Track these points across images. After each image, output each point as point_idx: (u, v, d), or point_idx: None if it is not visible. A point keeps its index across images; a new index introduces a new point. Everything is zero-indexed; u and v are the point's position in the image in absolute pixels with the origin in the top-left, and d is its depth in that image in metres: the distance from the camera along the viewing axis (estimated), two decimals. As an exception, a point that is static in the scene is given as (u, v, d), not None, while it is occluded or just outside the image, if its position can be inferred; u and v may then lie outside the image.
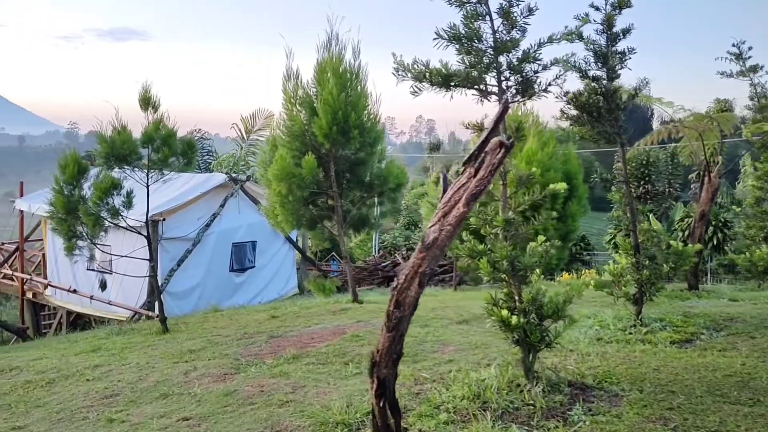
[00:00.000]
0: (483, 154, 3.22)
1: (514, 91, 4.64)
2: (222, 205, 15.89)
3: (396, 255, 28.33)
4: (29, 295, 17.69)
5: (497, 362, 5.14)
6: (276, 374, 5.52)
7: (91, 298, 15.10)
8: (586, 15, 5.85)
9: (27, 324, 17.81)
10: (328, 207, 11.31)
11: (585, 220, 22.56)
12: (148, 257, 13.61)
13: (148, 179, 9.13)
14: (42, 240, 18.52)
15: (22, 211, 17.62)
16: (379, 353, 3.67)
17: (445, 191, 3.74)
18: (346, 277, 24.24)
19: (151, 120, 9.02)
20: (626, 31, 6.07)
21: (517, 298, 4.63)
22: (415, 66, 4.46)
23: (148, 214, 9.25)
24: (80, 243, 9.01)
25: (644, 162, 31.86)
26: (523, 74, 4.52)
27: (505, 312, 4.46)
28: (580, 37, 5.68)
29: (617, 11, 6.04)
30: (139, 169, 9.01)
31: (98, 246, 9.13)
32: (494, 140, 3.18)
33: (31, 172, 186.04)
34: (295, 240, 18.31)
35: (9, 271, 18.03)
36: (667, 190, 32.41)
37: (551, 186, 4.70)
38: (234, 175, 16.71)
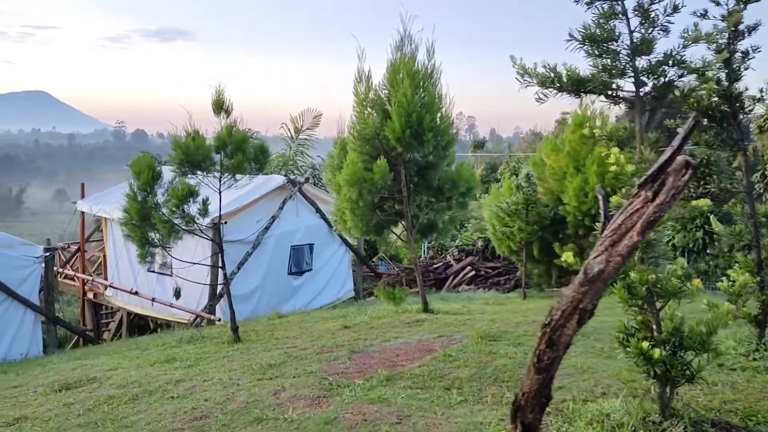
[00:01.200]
0: (664, 176, 2.79)
1: (649, 97, 4.19)
2: (281, 208, 15.72)
3: (447, 256, 27.87)
4: (90, 295, 17.87)
5: (623, 394, 4.68)
6: (374, 399, 5.18)
7: (153, 300, 15.12)
8: (705, 12, 5.34)
9: (88, 324, 18.02)
10: (396, 212, 10.99)
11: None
12: (212, 263, 13.54)
13: (220, 185, 8.94)
14: (102, 240, 18.70)
15: (83, 213, 17.80)
16: (525, 396, 3.28)
17: (605, 216, 3.33)
18: (395, 279, 23.92)
19: (224, 124, 8.82)
20: (752, 28, 5.53)
21: (655, 327, 4.18)
22: (542, 70, 4.06)
23: (220, 220, 9.06)
24: (152, 249, 8.86)
25: (704, 161, 30.60)
26: (664, 77, 4.06)
27: (645, 344, 4.01)
28: (707, 39, 5.16)
29: (742, 5, 5.50)
30: (211, 174, 8.82)
31: (169, 253, 8.96)
32: (679, 159, 2.75)
33: (80, 169, 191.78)
34: (351, 243, 18.04)
35: (71, 272, 18.25)
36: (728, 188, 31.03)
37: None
38: (292, 177, 16.52)
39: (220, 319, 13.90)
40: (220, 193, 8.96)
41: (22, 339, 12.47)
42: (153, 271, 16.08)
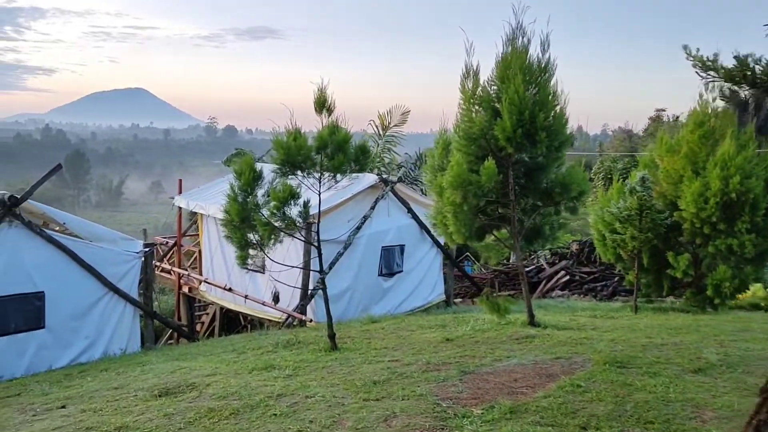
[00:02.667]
0: None
1: None
2: (372, 207, 15.34)
3: (539, 259, 26.74)
4: (185, 289, 18.22)
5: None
6: (501, 436, 4.59)
7: (246, 297, 15.14)
8: None
9: (182, 317, 18.38)
10: (499, 216, 10.31)
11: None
12: (304, 263, 13.31)
13: (320, 187, 8.58)
14: (197, 235, 19.03)
15: (180, 208, 18.15)
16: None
17: None
18: (486, 282, 23.08)
19: (326, 123, 8.44)
20: None
21: None
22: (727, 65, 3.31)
23: (319, 223, 8.70)
24: (251, 252, 8.62)
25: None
26: None
27: None
28: None
29: None
30: (311, 175, 8.47)
31: (267, 255, 8.70)
32: None
33: (175, 163, 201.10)
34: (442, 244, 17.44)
35: (167, 266, 18.68)
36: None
37: None
38: (384, 176, 16.11)
39: (311, 320, 13.70)
40: (319, 194, 8.60)
41: (121, 333, 12.69)
42: (246, 268, 16.11)
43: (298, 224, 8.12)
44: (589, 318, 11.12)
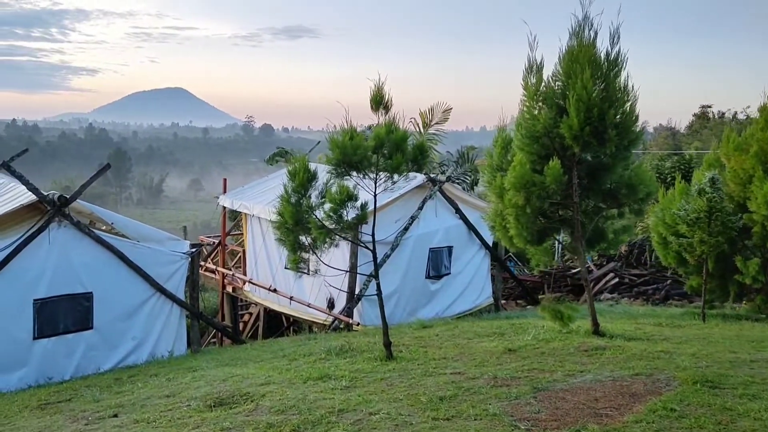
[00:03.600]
0: None
1: None
2: (420, 208, 14.92)
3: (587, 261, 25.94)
4: (229, 289, 18.10)
5: None
6: (596, 469, 4.13)
7: (291, 299, 14.89)
8: None
9: (226, 317, 18.27)
10: (559, 219, 9.78)
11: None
12: (350, 264, 12.98)
13: (375, 188, 8.21)
14: (241, 234, 18.90)
15: (225, 208, 18.02)
16: None
17: None
18: (536, 285, 22.42)
19: (382, 121, 8.06)
20: None
21: None
22: None
23: (374, 227, 8.32)
24: (304, 255, 8.29)
25: None
26: None
27: None
28: None
29: None
30: (367, 176, 8.10)
31: (320, 259, 8.35)
32: None
33: (213, 161, 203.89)
34: (491, 245, 16.91)
35: (211, 265, 18.59)
36: None
37: None
38: (432, 175, 15.66)
39: (358, 324, 13.36)
40: (375, 196, 8.23)
41: (168, 334, 12.55)
42: (299, 272, 15.87)
43: (353, 228, 7.76)
44: (655, 327, 10.50)
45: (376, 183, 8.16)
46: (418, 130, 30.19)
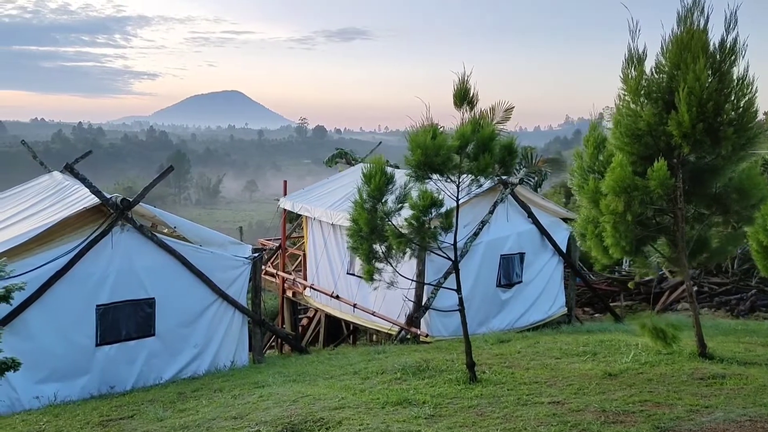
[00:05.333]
0: None
1: None
2: (491, 212, 14.06)
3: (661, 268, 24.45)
4: (289, 293, 17.66)
5: None
6: None
7: (354, 306, 14.28)
8: None
9: (285, 322, 17.85)
10: (656, 226, 8.79)
11: None
12: (418, 271, 12.25)
13: (458, 192, 7.45)
14: (302, 237, 18.45)
15: (285, 210, 17.59)
16: None
17: None
18: (610, 293, 21.14)
19: (467, 119, 7.30)
20: None
21: None
22: None
23: (456, 236, 7.56)
24: (379, 265, 7.60)
25: None
26: None
27: None
28: None
29: None
30: (449, 179, 7.36)
31: (396, 269, 7.65)
32: None
33: (268, 162, 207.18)
34: (564, 251, 15.88)
35: (272, 269, 18.20)
36: None
37: None
38: (503, 177, 14.76)
39: (427, 335, 12.62)
40: (457, 201, 7.48)
41: (229, 342, 12.11)
42: (353, 274, 15.29)
43: (439, 237, 7.03)
44: (764, 346, 9.36)
45: (458, 187, 7.40)
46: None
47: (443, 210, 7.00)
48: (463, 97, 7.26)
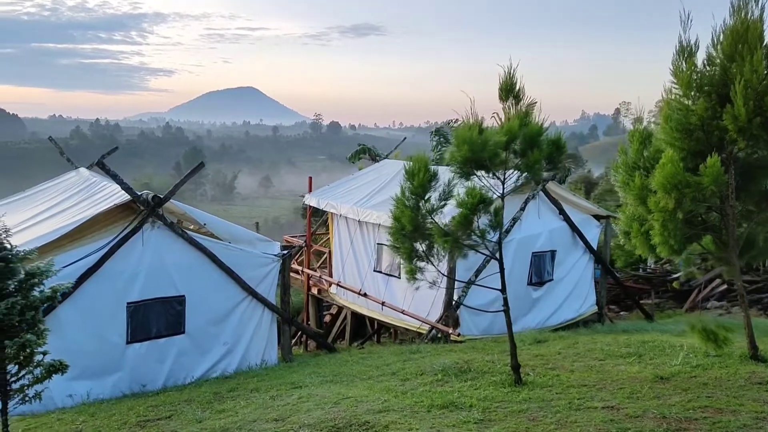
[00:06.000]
0: None
1: None
2: (522, 209, 13.80)
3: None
4: (314, 290, 17.52)
5: None
6: None
7: (383, 304, 14.11)
8: None
9: (310, 319, 17.72)
10: (702, 224, 8.51)
11: None
12: (448, 269, 12.03)
13: (503, 190, 7.24)
14: (326, 233, 18.30)
15: (310, 207, 17.44)
16: None
17: None
18: (641, 292, 20.77)
19: (513, 114, 7.08)
20: None
21: None
22: None
23: (501, 235, 7.34)
24: (420, 264, 7.41)
25: None
26: None
27: None
28: None
29: None
30: (495, 176, 7.15)
31: (438, 268, 7.45)
32: None
33: (283, 159, 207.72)
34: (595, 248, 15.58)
35: (296, 266, 18.05)
36: None
37: None
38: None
39: (459, 334, 12.41)
40: (502, 198, 7.27)
41: (259, 340, 12.00)
42: (380, 272, 15.12)
43: (488, 237, 6.82)
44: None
45: (504, 184, 7.19)
46: (500, 125, 28.86)
47: (492, 208, 6.77)
48: (509, 90, 7.04)
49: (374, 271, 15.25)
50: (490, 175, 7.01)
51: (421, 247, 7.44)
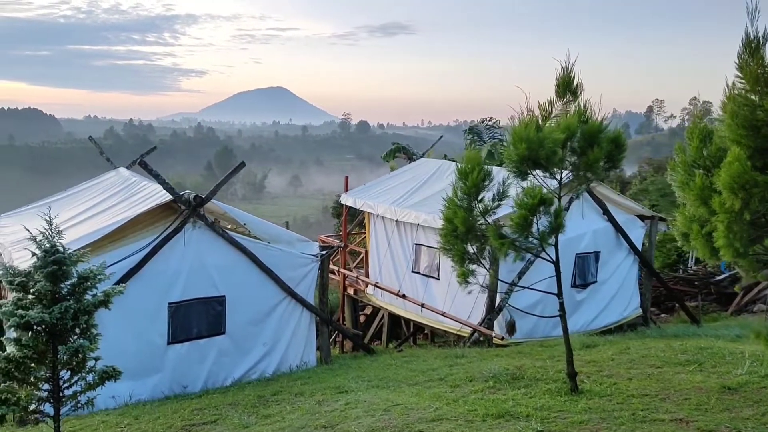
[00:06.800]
0: None
1: None
2: (566, 209, 13.39)
3: (732, 266, 23.25)
4: (350, 290, 17.36)
5: None
6: None
7: (422, 306, 13.86)
8: None
9: (346, 320, 17.56)
10: (765, 225, 8.08)
11: None
12: (492, 271, 11.73)
13: (560, 190, 6.94)
14: (362, 233, 18.13)
15: (346, 207, 17.28)
16: None
17: None
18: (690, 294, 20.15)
19: (571, 110, 6.78)
20: None
21: None
22: None
23: (557, 236, 7.05)
24: (472, 267, 7.15)
25: None
26: None
27: None
28: None
29: None
30: (552, 175, 6.86)
31: (489, 270, 7.19)
32: None
33: (311, 158, 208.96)
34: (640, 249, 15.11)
35: (332, 266, 17.91)
36: None
37: None
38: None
39: (503, 338, 12.11)
40: (559, 198, 6.97)
41: (297, 342, 11.86)
42: (418, 273, 14.88)
43: (547, 240, 6.54)
44: None
45: (560, 183, 6.89)
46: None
47: (552, 209, 6.48)
48: (567, 86, 6.74)
49: (412, 272, 15.02)
50: (547, 174, 6.72)
51: (472, 249, 7.20)
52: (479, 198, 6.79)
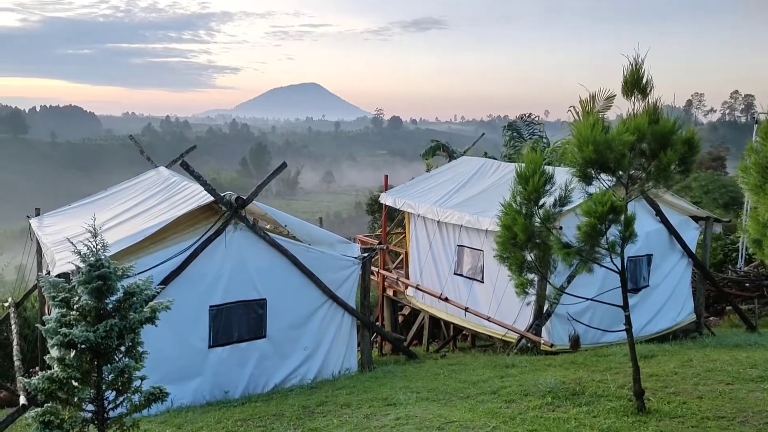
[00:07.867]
0: None
1: None
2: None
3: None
4: (389, 292, 17.03)
5: None
6: None
7: (466, 310, 13.45)
8: None
9: (385, 321, 17.24)
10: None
11: None
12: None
13: (627, 195, 6.47)
14: (401, 233, 17.77)
15: (386, 206, 16.92)
16: None
17: None
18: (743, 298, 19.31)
19: (639, 110, 6.29)
20: None
21: None
22: None
23: (624, 245, 6.58)
24: (530, 276, 6.73)
25: None
26: None
27: None
28: None
29: None
30: (619, 180, 6.39)
31: (550, 281, 6.76)
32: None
33: (344, 154, 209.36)
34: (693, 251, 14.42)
35: (372, 267, 17.60)
36: None
37: None
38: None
39: (552, 345, 11.63)
40: (626, 204, 6.49)
41: (339, 346, 11.57)
42: (461, 275, 14.46)
43: (617, 250, 6.09)
44: None
45: (628, 188, 6.42)
46: (577, 119, 27.55)
47: (623, 217, 6.03)
48: (635, 83, 6.25)
49: (454, 274, 14.61)
50: (614, 178, 6.26)
51: (530, 256, 6.79)
52: (540, 204, 6.37)
